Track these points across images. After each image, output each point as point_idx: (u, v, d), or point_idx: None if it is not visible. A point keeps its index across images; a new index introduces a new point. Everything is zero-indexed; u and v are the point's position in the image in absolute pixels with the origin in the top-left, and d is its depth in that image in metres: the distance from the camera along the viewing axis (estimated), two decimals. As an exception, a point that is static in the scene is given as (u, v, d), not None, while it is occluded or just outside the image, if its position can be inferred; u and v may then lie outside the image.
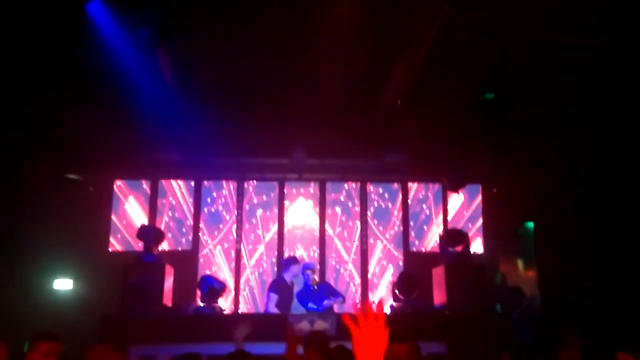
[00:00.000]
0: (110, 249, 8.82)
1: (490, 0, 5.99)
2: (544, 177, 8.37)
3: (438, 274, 7.56)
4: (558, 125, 7.85)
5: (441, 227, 9.22)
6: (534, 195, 8.60)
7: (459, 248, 7.55)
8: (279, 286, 7.27)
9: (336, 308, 7.28)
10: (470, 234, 9.06)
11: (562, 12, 5.97)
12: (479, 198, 9.44)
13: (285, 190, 9.34)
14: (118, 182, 9.10)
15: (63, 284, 8.44)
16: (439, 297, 7.49)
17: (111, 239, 8.88)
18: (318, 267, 8.87)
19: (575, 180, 8.26)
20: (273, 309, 7.00)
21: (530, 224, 9.18)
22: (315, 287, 7.20)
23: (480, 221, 9.38)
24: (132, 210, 9.05)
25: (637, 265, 7.72)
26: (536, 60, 6.77)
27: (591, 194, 8.18)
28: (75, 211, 8.44)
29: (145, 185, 9.16)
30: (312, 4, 6.06)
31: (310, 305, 7.05)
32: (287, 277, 7.34)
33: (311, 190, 9.40)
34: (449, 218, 9.37)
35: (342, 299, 7.43)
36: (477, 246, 9.23)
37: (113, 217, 8.97)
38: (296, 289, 7.35)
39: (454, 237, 7.73)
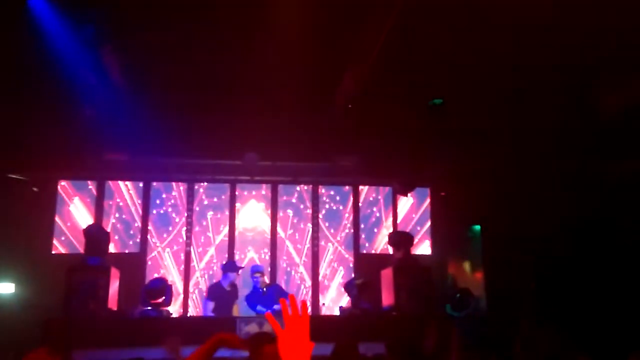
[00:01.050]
0: (53, 252, 8.55)
1: (439, 8, 6.13)
2: (491, 181, 8.61)
3: (386, 275, 7.67)
4: (505, 131, 8.09)
5: (391, 230, 9.37)
6: (481, 199, 8.83)
7: (402, 250, 7.68)
8: (215, 293, 7.23)
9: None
10: (418, 236, 9.26)
11: (509, 19, 6.16)
12: (428, 201, 9.63)
13: (236, 192, 9.28)
14: (63, 183, 8.84)
15: (4, 288, 8.12)
16: (387, 298, 7.61)
17: (55, 242, 8.62)
18: (269, 269, 8.87)
19: (521, 184, 8.54)
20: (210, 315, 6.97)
21: (477, 227, 9.43)
22: (264, 289, 7.19)
23: (428, 224, 9.57)
24: (77, 211, 8.80)
25: (579, 267, 8.02)
26: (484, 66, 6.96)
27: (536, 197, 8.46)
28: (18, 212, 8.14)
29: (91, 186, 8.93)
30: (264, 7, 6.05)
31: (259, 308, 7.04)
32: (224, 282, 7.30)
33: (263, 192, 9.38)
34: (399, 220, 9.52)
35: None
36: (425, 248, 9.42)
37: (57, 219, 8.70)
38: (245, 292, 7.33)
39: (398, 239, 7.87)
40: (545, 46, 6.49)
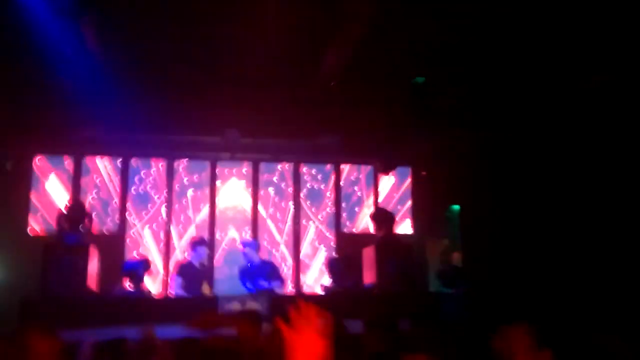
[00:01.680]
0: (29, 230, 8.37)
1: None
2: (471, 161, 8.66)
3: (368, 253, 7.69)
4: (486, 111, 8.11)
5: (372, 209, 9.38)
6: (461, 179, 8.88)
7: (384, 229, 7.70)
8: (184, 269, 7.19)
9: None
10: (399, 215, 9.29)
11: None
12: (409, 180, 9.66)
13: (217, 170, 9.17)
14: (38, 159, 8.61)
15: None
16: (368, 276, 7.63)
17: (30, 220, 8.42)
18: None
19: (499, 164, 8.60)
20: (180, 293, 6.93)
21: (456, 207, 9.51)
22: (255, 264, 7.21)
23: (409, 203, 9.61)
24: (53, 189, 8.60)
25: (557, 248, 8.13)
26: (468, 45, 6.93)
27: (514, 178, 8.53)
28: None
29: (68, 163, 8.73)
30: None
31: (248, 285, 7.04)
32: (194, 259, 7.25)
33: (244, 170, 9.28)
34: (380, 199, 9.54)
35: (280, 282, 7.45)
36: (406, 227, 9.47)
37: (32, 196, 8.49)
38: (226, 269, 7.31)
39: (380, 217, 7.89)
40: (530, 26, 6.49)
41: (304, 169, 9.47)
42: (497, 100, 7.94)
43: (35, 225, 8.43)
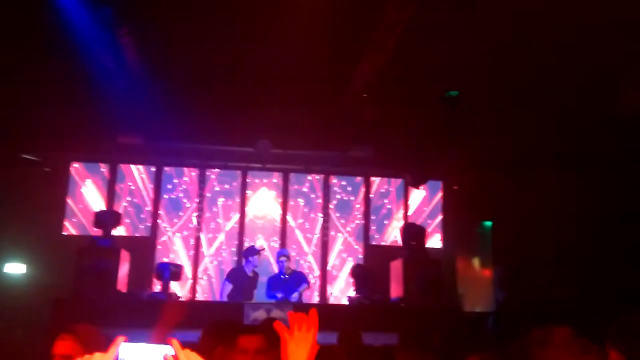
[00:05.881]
0: (64, 233, 8.59)
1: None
2: (504, 177, 8.52)
3: (396, 267, 7.63)
4: (520, 126, 7.99)
5: (401, 222, 9.31)
6: (493, 195, 8.74)
7: (414, 243, 7.63)
8: (235, 276, 7.23)
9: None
10: (429, 230, 9.19)
11: (527, 12, 6.06)
12: (440, 194, 9.56)
13: (248, 180, 9.26)
14: (75, 165, 8.86)
15: (15, 268, 8.18)
16: (396, 290, 7.57)
17: (66, 223, 8.65)
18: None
19: (532, 181, 8.44)
20: (226, 298, 6.97)
21: (488, 223, 9.34)
22: (287, 276, 7.22)
23: (439, 217, 9.50)
24: (88, 194, 8.83)
25: (589, 265, 7.93)
26: (501, 59, 6.86)
27: (548, 195, 8.36)
28: (30, 192, 8.19)
29: (104, 169, 8.95)
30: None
31: (278, 295, 7.05)
32: (247, 268, 7.30)
33: (274, 180, 9.35)
34: (410, 213, 9.46)
35: (307, 285, 7.48)
36: (435, 242, 9.35)
37: (69, 200, 8.73)
38: (264, 277, 7.39)
39: (410, 231, 7.83)
40: (563, 41, 6.40)
41: (334, 180, 9.48)
42: (533, 114, 7.81)
43: (70, 228, 8.65)
